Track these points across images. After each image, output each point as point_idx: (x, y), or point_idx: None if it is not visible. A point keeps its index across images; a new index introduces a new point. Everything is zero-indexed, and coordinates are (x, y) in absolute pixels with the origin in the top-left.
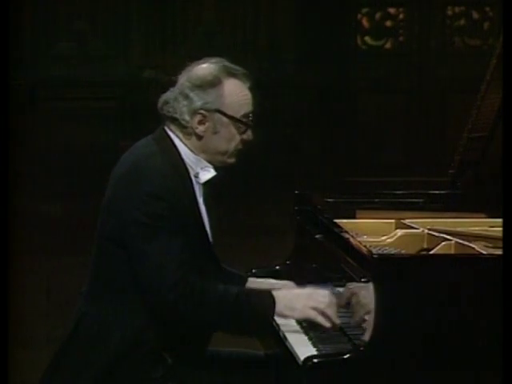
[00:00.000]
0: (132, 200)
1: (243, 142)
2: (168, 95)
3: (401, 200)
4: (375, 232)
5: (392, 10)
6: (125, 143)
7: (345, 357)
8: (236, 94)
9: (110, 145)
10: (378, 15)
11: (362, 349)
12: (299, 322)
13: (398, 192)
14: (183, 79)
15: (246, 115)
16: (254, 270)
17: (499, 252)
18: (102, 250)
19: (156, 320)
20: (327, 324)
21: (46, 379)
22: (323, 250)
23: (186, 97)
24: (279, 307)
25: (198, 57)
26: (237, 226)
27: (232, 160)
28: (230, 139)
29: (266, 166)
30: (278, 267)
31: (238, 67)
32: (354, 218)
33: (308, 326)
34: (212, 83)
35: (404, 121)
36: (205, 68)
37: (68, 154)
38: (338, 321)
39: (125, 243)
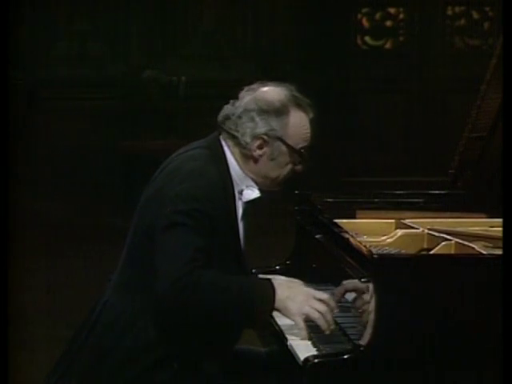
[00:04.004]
0: (169, 198)
1: (293, 172)
2: (230, 110)
3: (401, 200)
4: (375, 232)
5: (392, 10)
6: (125, 143)
7: (345, 357)
8: (299, 126)
9: (110, 145)
10: (377, 15)
11: (362, 349)
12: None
13: (397, 192)
14: (248, 98)
15: (303, 147)
16: (253, 270)
17: (499, 252)
18: (133, 246)
19: (157, 312)
20: (325, 325)
21: (56, 370)
22: (323, 249)
23: (252, 119)
24: (281, 295)
25: (198, 57)
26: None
27: (278, 187)
28: (282, 167)
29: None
30: (277, 267)
31: (305, 98)
32: (354, 217)
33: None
34: (280, 111)
35: (404, 121)
36: (274, 93)
37: (68, 154)
38: (331, 328)
39: (153, 240)
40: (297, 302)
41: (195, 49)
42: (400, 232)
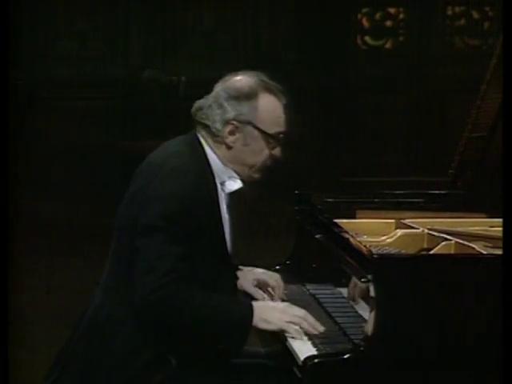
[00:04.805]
0: (152, 198)
1: (272, 158)
2: (202, 102)
3: (401, 200)
4: (375, 232)
5: (392, 10)
6: (125, 143)
7: (345, 357)
8: (270, 110)
9: (110, 145)
10: (377, 15)
11: (362, 349)
12: None
13: (397, 192)
14: (219, 88)
15: (277, 132)
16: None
17: (499, 252)
18: (117, 247)
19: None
20: (299, 336)
21: (52, 372)
22: (323, 249)
23: (221, 106)
24: (254, 320)
25: (198, 57)
26: (237, 226)
27: (257, 175)
28: (258, 153)
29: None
30: (277, 267)
31: (275, 83)
32: (354, 217)
33: None
34: (248, 95)
35: (404, 121)
36: (242, 80)
37: (68, 154)
38: (320, 328)
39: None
40: (276, 313)
41: (195, 49)
42: (400, 232)
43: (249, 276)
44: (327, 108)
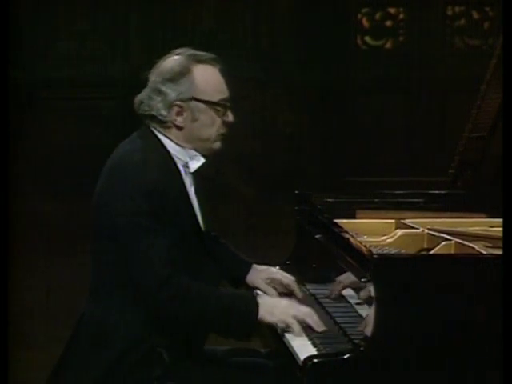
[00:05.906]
0: (120, 196)
1: (225, 125)
2: (142, 95)
3: (401, 200)
4: (375, 232)
5: (392, 10)
6: None
7: (345, 357)
8: (208, 78)
9: (110, 145)
10: (377, 15)
11: (362, 349)
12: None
13: (397, 192)
14: (153, 76)
15: (222, 98)
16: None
17: (499, 252)
18: (98, 249)
19: (149, 318)
20: (301, 334)
21: (51, 381)
22: (323, 249)
23: (160, 92)
24: (260, 312)
25: None
26: (237, 226)
27: (217, 145)
28: (210, 124)
29: (266, 166)
30: (277, 267)
31: (205, 53)
32: (354, 218)
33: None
34: (182, 73)
35: (404, 121)
36: (172, 60)
37: (68, 154)
38: (322, 328)
39: (117, 240)
40: (281, 307)
41: (195, 49)
42: (400, 232)
43: (262, 274)
44: (327, 108)
